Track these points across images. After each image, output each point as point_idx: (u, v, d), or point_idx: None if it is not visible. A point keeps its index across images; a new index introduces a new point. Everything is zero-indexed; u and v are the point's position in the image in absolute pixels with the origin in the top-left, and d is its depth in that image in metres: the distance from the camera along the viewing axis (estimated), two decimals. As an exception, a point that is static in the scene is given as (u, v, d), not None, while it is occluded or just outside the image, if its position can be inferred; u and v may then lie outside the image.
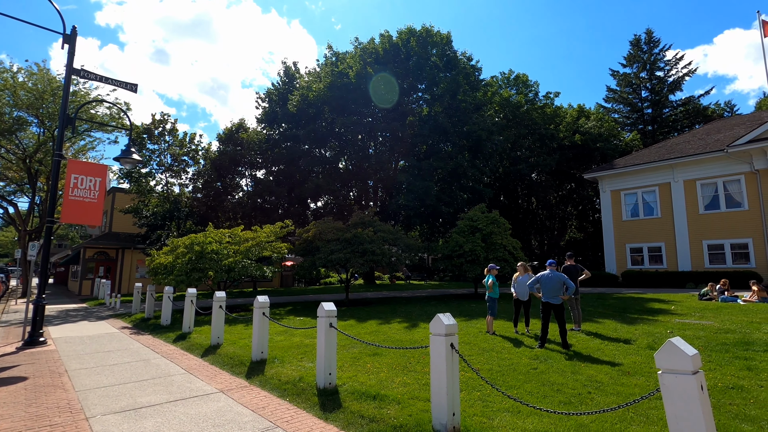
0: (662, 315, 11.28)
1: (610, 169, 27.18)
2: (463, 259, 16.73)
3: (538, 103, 39.31)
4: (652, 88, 48.62)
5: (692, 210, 23.48)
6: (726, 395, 4.92)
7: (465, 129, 29.33)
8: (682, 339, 7.55)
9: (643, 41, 49.05)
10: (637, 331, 8.91)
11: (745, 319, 10.18)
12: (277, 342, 8.90)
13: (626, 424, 4.15)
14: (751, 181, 21.73)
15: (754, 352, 6.84)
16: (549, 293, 7.87)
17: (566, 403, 4.81)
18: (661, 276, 22.93)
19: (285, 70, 34.74)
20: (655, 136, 46.83)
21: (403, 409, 4.72)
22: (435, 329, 4.18)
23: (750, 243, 21.50)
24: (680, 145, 26.08)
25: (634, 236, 25.61)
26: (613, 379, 5.67)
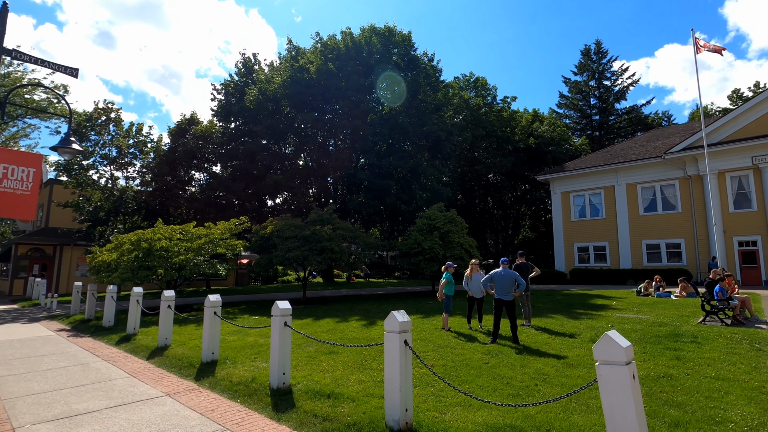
0: (604, 310, 11.99)
1: (560, 172, 28.53)
2: (422, 257, 16.98)
3: (496, 107, 40.54)
4: (600, 96, 51.51)
5: (633, 212, 25.13)
6: (657, 383, 5.31)
7: (425, 129, 29.74)
8: (621, 332, 8.01)
9: (592, 51, 51.82)
10: (582, 326, 9.42)
11: (676, 313, 11.03)
12: (229, 342, 8.63)
13: (569, 413, 4.38)
14: (684, 186, 23.56)
15: (683, 343, 7.43)
16: (501, 290, 8.14)
17: (515, 396, 5.00)
18: (605, 273, 24.39)
19: (243, 62, 33.67)
20: (602, 141, 49.66)
21: (358, 406, 4.72)
22: (389, 326, 4.20)
23: (682, 243, 23.32)
24: (624, 151, 27.81)
25: (581, 236, 27.05)
26: (559, 371, 5.96)
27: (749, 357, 6.47)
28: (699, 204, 22.75)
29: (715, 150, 21.56)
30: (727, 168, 22.00)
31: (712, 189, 21.29)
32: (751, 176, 21.54)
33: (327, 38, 30.82)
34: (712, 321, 9.56)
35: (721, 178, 22.22)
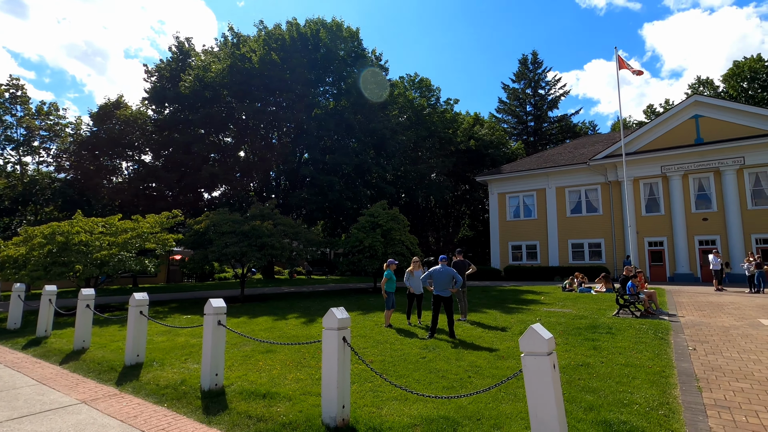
0: (534, 305, 12.80)
1: (498, 174, 29.97)
2: (363, 254, 17.04)
3: (439, 108, 41.63)
4: (535, 104, 54.76)
5: (561, 213, 27.04)
6: (576, 371, 5.77)
7: (370, 126, 29.84)
8: (547, 325, 8.57)
9: (529, 61, 54.89)
10: (513, 320, 9.98)
11: (595, 306, 12.05)
12: (157, 343, 8.10)
13: (498, 402, 4.62)
14: (605, 190, 25.76)
15: (599, 334, 8.13)
16: (440, 287, 8.39)
17: (449, 388, 5.18)
18: (536, 270, 26.04)
19: (178, 46, 31.61)
20: (536, 146, 52.84)
21: (294, 405, 4.65)
22: (328, 323, 4.18)
23: (602, 242, 25.50)
24: (554, 157, 29.82)
25: (515, 235, 28.63)
26: (491, 363, 6.27)
27: (653, 345, 7.23)
28: (617, 207, 25.00)
29: (631, 159, 23.80)
30: (640, 175, 24.37)
31: (628, 194, 23.47)
32: (660, 183, 24.05)
33: (272, 27, 29.86)
34: (625, 313, 10.56)
35: (636, 184, 24.57)
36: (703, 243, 22.56)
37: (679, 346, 7.16)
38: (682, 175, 23.27)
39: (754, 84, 48.03)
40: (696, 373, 5.69)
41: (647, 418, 4.16)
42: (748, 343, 7.34)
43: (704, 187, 22.93)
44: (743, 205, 21.69)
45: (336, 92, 31.58)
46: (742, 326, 8.86)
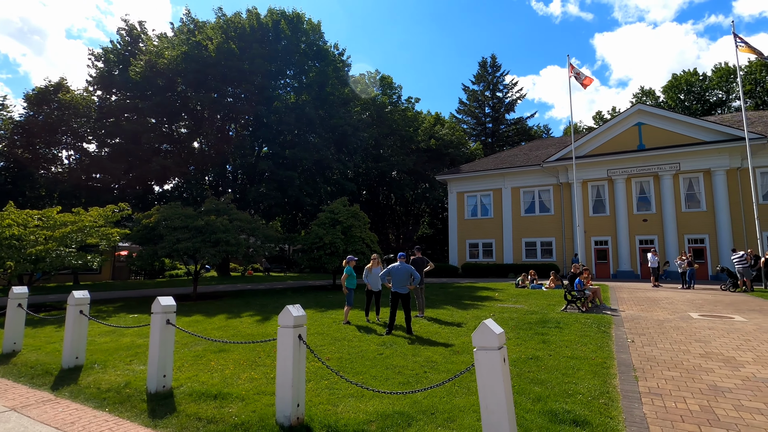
0: (488, 301, 13.22)
1: (457, 174, 30.62)
2: (323, 251, 16.89)
3: (401, 106, 41.91)
4: (494, 106, 56.41)
5: (516, 213, 28.07)
6: (526, 364, 6.01)
7: (332, 122, 29.57)
8: (500, 320, 8.86)
9: (488, 64, 56.42)
10: (468, 315, 10.25)
11: (545, 302, 12.61)
12: (100, 344, 7.63)
13: (452, 396, 4.73)
14: (557, 192, 27.00)
15: (548, 328, 8.53)
16: (398, 284, 8.47)
17: (405, 384, 5.24)
18: (491, 268, 26.88)
19: (128, 30, 29.78)
20: (493, 147, 54.47)
21: (247, 405, 4.53)
22: (283, 321, 4.10)
23: (553, 241, 26.73)
24: (510, 158, 30.87)
25: (472, 233, 29.40)
26: (446, 358, 6.40)
27: (597, 338, 7.67)
28: (567, 208, 26.29)
29: (580, 162, 25.08)
30: (589, 178, 25.75)
31: (577, 195, 24.75)
32: (606, 186, 25.53)
33: (232, 15, 28.81)
34: (572, 309, 11.13)
35: (585, 186, 25.94)
36: (643, 242, 24.20)
37: (620, 339, 7.64)
38: (626, 179, 24.82)
39: (689, 96, 52.02)
40: (633, 363, 6.09)
41: (589, 406, 4.41)
42: (679, 334, 7.96)
43: (645, 191, 24.58)
44: (678, 208, 23.47)
45: (297, 86, 31.00)
46: (674, 319, 9.59)
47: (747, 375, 5.45)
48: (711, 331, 8.25)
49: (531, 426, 3.89)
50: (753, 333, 8.00)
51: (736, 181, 22.23)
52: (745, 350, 6.69)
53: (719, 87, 49.90)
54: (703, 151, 22.80)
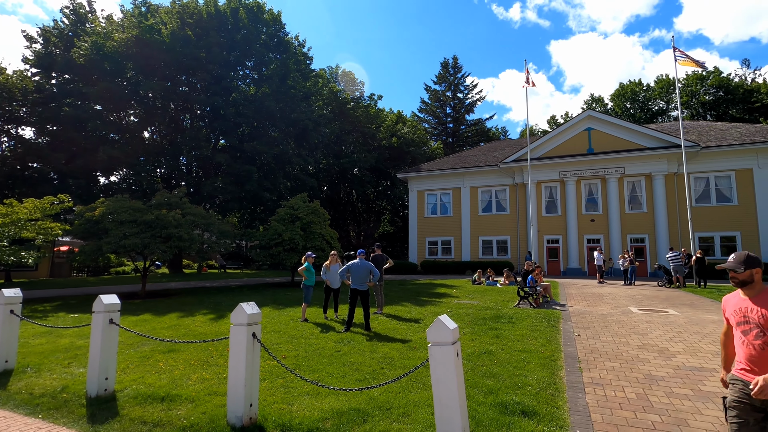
0: (446, 297, 13.50)
1: (418, 172, 31.00)
2: (282, 247, 16.57)
3: (363, 103, 41.83)
4: (455, 107, 57.50)
5: (474, 211, 28.82)
6: (480, 359, 6.20)
7: (293, 116, 29.01)
8: (457, 316, 9.03)
9: (450, 65, 57.40)
10: (426, 312, 10.42)
11: (499, 298, 13.05)
12: (34, 347, 7.08)
13: (407, 391, 4.80)
14: (513, 192, 27.97)
15: (502, 323, 8.83)
16: (357, 281, 8.46)
17: (362, 380, 5.25)
18: (450, 265, 27.46)
19: (73, 9, 27.72)
20: (453, 147, 55.57)
21: (197, 407, 4.37)
22: (236, 319, 3.98)
23: (509, 240, 27.69)
24: (469, 158, 31.63)
25: (432, 231, 29.90)
26: (403, 354, 6.48)
27: (546, 332, 8.03)
28: (522, 207, 27.31)
29: (535, 164, 26.12)
30: (543, 179, 26.88)
31: (532, 196, 25.76)
32: (558, 187, 26.75)
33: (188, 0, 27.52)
34: (525, 304, 11.59)
35: (539, 187, 27.05)
36: (590, 241, 25.59)
37: (567, 333, 8.05)
38: (576, 181, 26.12)
39: (634, 104, 55.46)
40: (579, 355, 6.43)
41: (537, 397, 4.61)
42: (620, 327, 8.49)
43: (593, 192, 25.99)
44: (622, 209, 25.01)
45: (257, 78, 30.14)
46: (616, 314, 10.22)
47: (678, 364, 5.90)
48: (648, 324, 8.86)
49: (482, 418, 4.02)
50: (684, 326, 8.68)
51: (673, 185, 23.98)
52: (677, 341, 7.25)
53: (660, 97, 53.57)
54: (645, 156, 24.41)
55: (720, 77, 51.18)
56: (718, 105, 50.63)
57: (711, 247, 22.92)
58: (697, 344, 7.04)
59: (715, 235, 23.06)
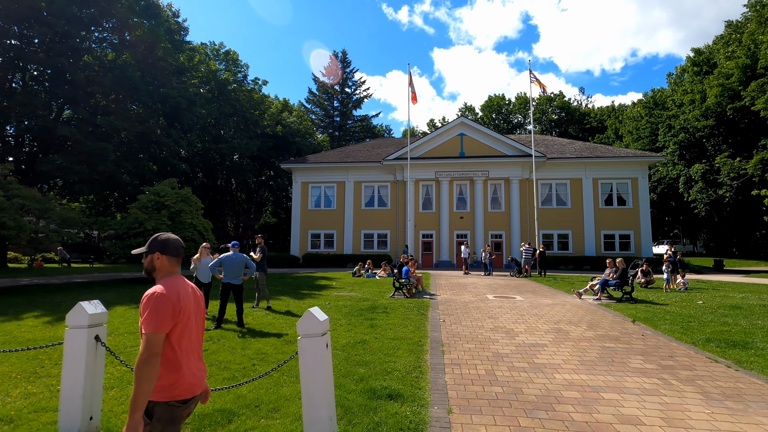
0: (326, 290, 13.58)
1: (303, 163, 30.45)
2: (144, 238, 14.72)
3: (247, 86, 39.46)
4: (342, 101, 57.85)
5: (357, 206, 29.47)
6: (354, 348, 6.39)
7: (162, 91, 25.94)
8: (335, 308, 9.13)
9: (340, 58, 57.51)
10: (305, 305, 10.34)
11: (377, 289, 13.62)
12: None
13: (279, 386, 4.71)
14: (393, 188, 29.33)
15: (377, 313, 9.24)
16: (231, 274, 7.98)
17: (231, 379, 4.99)
18: (332, 258, 27.66)
19: None
20: (340, 141, 55.93)
21: (17, 428, 3.64)
22: (74, 320, 3.43)
23: (389, 234, 29.01)
24: (355, 153, 32.19)
25: (315, 224, 29.72)
26: (277, 349, 6.33)
27: (416, 320, 8.65)
28: (401, 203, 28.85)
29: (414, 163, 27.81)
30: (420, 178, 28.76)
31: (410, 193, 27.36)
32: (434, 186, 28.92)
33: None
34: (399, 295, 12.30)
35: (417, 185, 28.88)
36: (459, 236, 28.29)
37: (434, 320, 8.78)
38: (449, 181, 28.57)
39: (499, 116, 62.74)
40: (443, 340, 7.08)
41: (403, 381, 4.95)
42: (478, 313, 9.58)
43: (463, 192, 28.73)
44: (485, 208, 28.17)
45: (117, 43, 26.11)
46: (476, 301, 11.51)
47: (519, 342, 6.90)
48: (500, 309, 10.17)
49: (352, 405, 4.15)
50: (527, 309, 10.18)
51: (525, 189, 27.84)
52: (520, 323, 8.47)
53: (519, 111, 61.61)
54: (505, 162, 27.85)
55: (563, 100, 60.98)
56: (561, 123, 60.33)
57: (551, 243, 27.28)
58: (535, 324, 8.33)
59: (554, 233, 27.51)
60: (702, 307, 10.34)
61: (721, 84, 33.54)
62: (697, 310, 9.90)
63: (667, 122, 40.57)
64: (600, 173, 27.63)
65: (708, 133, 36.29)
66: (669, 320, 8.70)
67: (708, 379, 5.14)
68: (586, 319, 8.91)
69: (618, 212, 27.34)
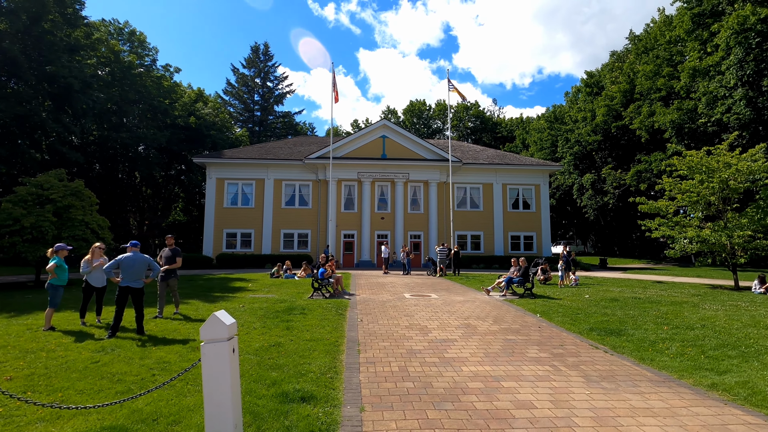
0: (241, 292, 12.96)
1: (219, 158, 28.74)
2: (21, 236, 12.79)
3: (155, 72, 36.24)
4: (264, 95, 55.68)
5: (277, 204, 28.57)
6: (268, 352, 6.19)
7: (49, 69, 22.79)
8: (250, 311, 8.76)
9: (261, 51, 55.30)
10: (216, 309, 9.73)
11: (296, 290, 13.33)
12: None
13: (181, 396, 4.38)
14: (315, 187, 28.94)
15: (294, 315, 9.04)
16: (131, 276, 7.27)
17: (125, 392, 4.53)
18: (249, 258, 26.46)
19: None
20: (260, 136, 53.76)
21: None
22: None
23: (309, 233, 28.54)
24: (276, 150, 31.17)
25: (231, 222, 28.20)
26: (182, 356, 5.90)
27: (334, 320, 8.63)
28: (323, 203, 28.57)
29: (336, 163, 27.72)
30: (343, 178, 28.74)
31: (333, 192, 27.21)
32: (356, 186, 29.08)
33: None
34: (318, 295, 12.16)
35: (339, 185, 28.81)
36: (380, 237, 28.78)
37: (352, 319, 8.83)
38: (371, 182, 28.93)
39: (420, 120, 65.02)
40: (359, 339, 7.15)
41: (317, 382, 4.90)
42: (395, 311, 9.84)
43: (384, 193, 29.29)
44: (406, 209, 29.02)
45: (-9, 8, 22.34)
46: (393, 300, 11.80)
47: (432, 338, 7.22)
48: (416, 307, 10.55)
49: (262, 411, 4.02)
50: (441, 307, 10.68)
51: (443, 192, 29.20)
52: (434, 320, 8.86)
53: (438, 117, 64.45)
54: (424, 166, 28.95)
55: (479, 110, 65.08)
56: (476, 131, 64.32)
57: (465, 243, 28.94)
58: (447, 321, 8.77)
59: (468, 234, 29.23)
60: (588, 301, 11.72)
61: (607, 105, 38.39)
62: (584, 303, 11.19)
63: (565, 135, 45.33)
64: (509, 179, 29.98)
65: (597, 147, 41.27)
66: (561, 313, 9.72)
67: (589, 364, 5.83)
68: (492, 314, 9.60)
69: (523, 215, 29.89)
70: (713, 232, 15.41)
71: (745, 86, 25.22)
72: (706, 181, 15.77)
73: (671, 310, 10.20)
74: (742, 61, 24.87)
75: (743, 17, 23.93)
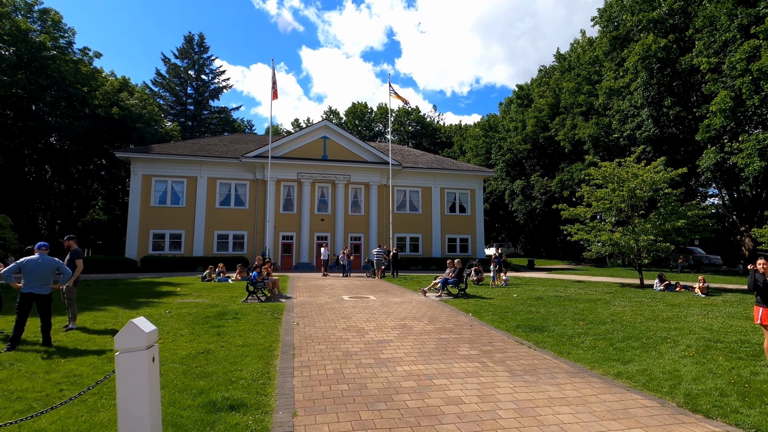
0: (168, 297, 12.15)
1: (145, 153, 26.74)
2: None
3: (72, 56, 32.94)
4: (198, 88, 52.75)
5: (210, 204, 27.17)
6: (196, 360, 5.87)
7: (-62, 45, 19.84)
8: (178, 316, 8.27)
9: (195, 42, 52.39)
10: (139, 315, 9.06)
11: (229, 294, 12.77)
12: None
13: (95, 412, 4.03)
14: (253, 187, 27.94)
15: (226, 320, 8.66)
16: (36, 282, 6.53)
17: (25, 411, 4.07)
18: (179, 261, 24.88)
19: None
20: (193, 132, 50.83)
21: None
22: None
23: (246, 235, 27.48)
24: (210, 146, 29.65)
25: (159, 223, 26.34)
26: (96, 368, 5.42)
27: (269, 325, 8.39)
28: (261, 203, 27.65)
29: (275, 162, 26.97)
30: (282, 178, 28.02)
31: (271, 193, 26.43)
32: (296, 187, 28.49)
33: None
34: (253, 299, 11.75)
35: (278, 185, 28.05)
36: (320, 238, 28.43)
37: (288, 323, 8.64)
38: (311, 183, 28.52)
39: (362, 122, 65.29)
40: (294, 343, 7.01)
41: (248, 389, 4.74)
42: (333, 314, 9.78)
43: (325, 195, 29.00)
44: (346, 211, 28.94)
45: None
46: (332, 302, 11.72)
47: (368, 340, 7.28)
48: (354, 309, 10.56)
49: (186, 422, 3.81)
50: (378, 308, 10.79)
51: (383, 195, 29.52)
52: (371, 321, 8.94)
53: (380, 121, 65.14)
54: (365, 168, 29.10)
55: (419, 115, 66.70)
56: (416, 135, 65.85)
57: (405, 245, 29.48)
58: (384, 322, 8.88)
59: (407, 236, 29.82)
60: (516, 300, 12.47)
61: (536, 116, 41.22)
62: (512, 302, 11.89)
63: (499, 143, 47.90)
64: (446, 183, 31.06)
65: (527, 155, 44.09)
66: (491, 311, 10.25)
67: (515, 359, 6.22)
68: (428, 314, 9.88)
69: (459, 219, 31.10)
70: (623, 236, 17.11)
71: (650, 106, 28.35)
72: (617, 190, 17.47)
73: (587, 307, 11.17)
74: (647, 83, 27.95)
75: (647, 45, 26.90)
